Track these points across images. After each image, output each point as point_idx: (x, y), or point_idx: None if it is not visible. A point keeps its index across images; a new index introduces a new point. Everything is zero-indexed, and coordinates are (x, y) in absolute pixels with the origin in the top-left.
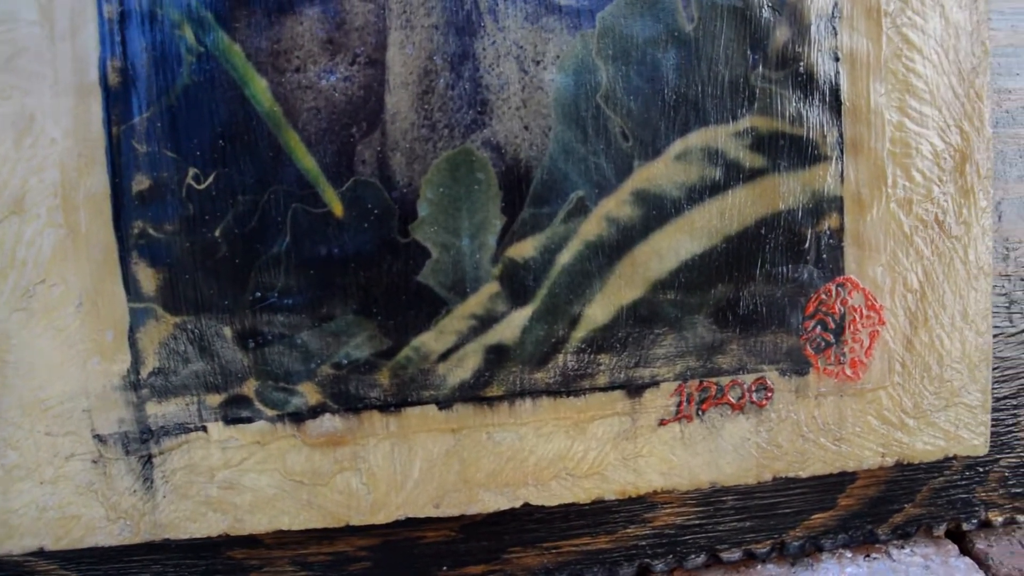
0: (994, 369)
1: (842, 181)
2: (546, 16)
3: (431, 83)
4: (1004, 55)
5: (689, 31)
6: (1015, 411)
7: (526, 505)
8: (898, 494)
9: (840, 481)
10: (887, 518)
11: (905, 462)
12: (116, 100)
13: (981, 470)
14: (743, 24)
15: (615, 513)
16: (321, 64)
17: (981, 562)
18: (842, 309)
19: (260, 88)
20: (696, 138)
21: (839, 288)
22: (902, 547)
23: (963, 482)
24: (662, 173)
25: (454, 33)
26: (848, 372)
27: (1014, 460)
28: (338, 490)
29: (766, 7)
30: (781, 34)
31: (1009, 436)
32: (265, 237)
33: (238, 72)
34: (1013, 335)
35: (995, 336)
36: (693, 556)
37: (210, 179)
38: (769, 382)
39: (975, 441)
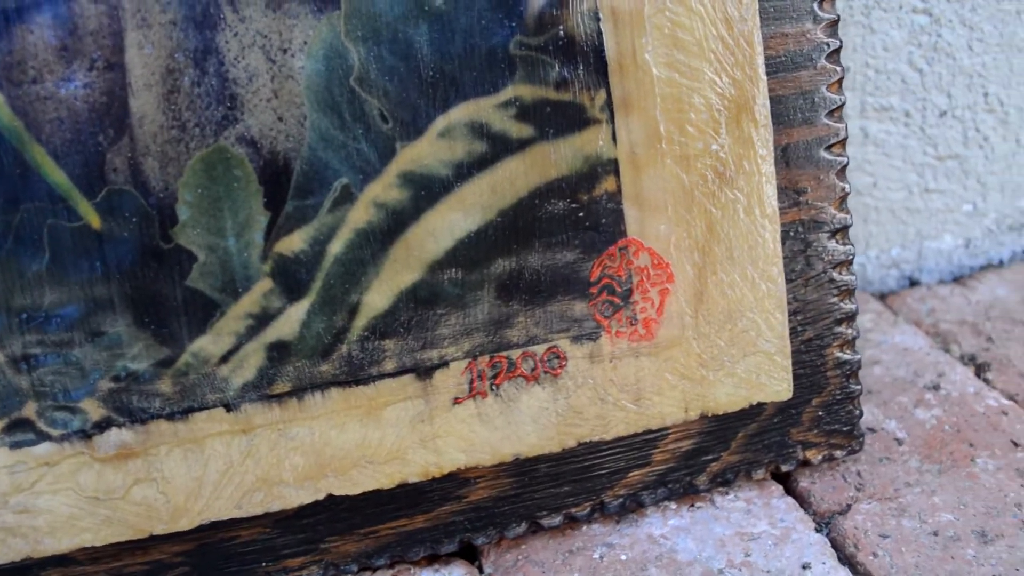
0: (797, 313)
1: (615, 143)
2: (288, 2)
3: (176, 82)
4: None
5: (440, 4)
6: (821, 352)
7: (330, 496)
8: (712, 444)
9: (652, 438)
10: (704, 468)
11: (710, 414)
12: None
13: (794, 412)
14: None
15: (429, 493)
16: (58, 73)
17: (803, 500)
18: (628, 271)
19: None
20: (458, 113)
21: (623, 251)
22: (726, 494)
23: (777, 426)
24: (427, 152)
25: (194, 28)
26: (641, 332)
27: (826, 399)
28: (136, 502)
29: None
30: None
31: (818, 376)
32: (24, 257)
33: None
34: (812, 277)
35: (795, 280)
36: (514, 526)
37: None
38: (561, 350)
39: (778, 387)
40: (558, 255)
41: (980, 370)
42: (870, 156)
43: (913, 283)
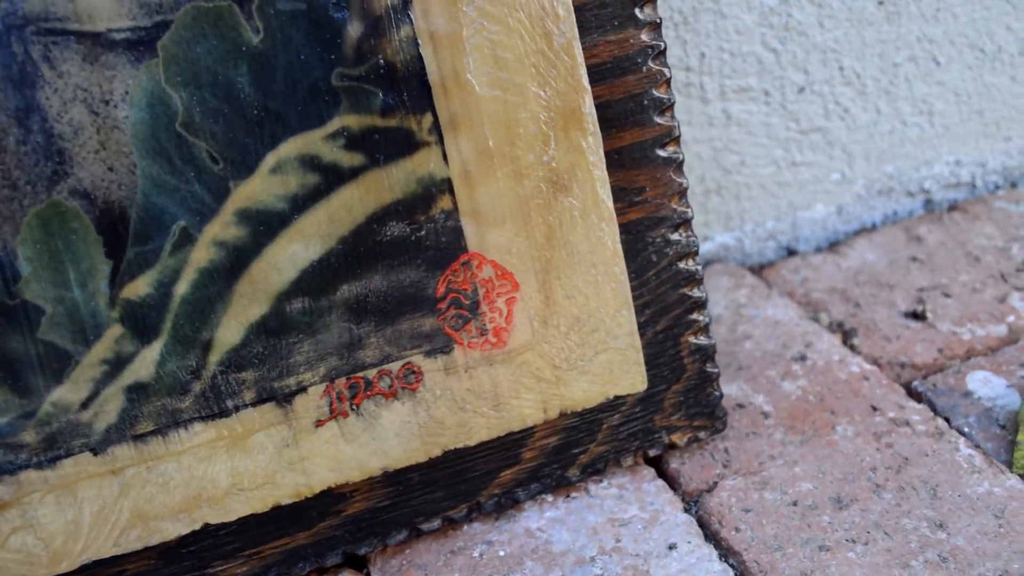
0: (648, 306)
1: (447, 162)
2: (105, 53)
3: (1, 143)
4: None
5: (257, 44)
6: (676, 340)
7: (207, 525)
8: (579, 438)
9: (518, 438)
10: (574, 460)
11: (570, 411)
12: None
13: (655, 400)
14: (312, 27)
15: (306, 511)
16: None
17: (673, 481)
18: (473, 284)
19: None
20: (287, 148)
21: (465, 265)
22: (599, 482)
23: (640, 415)
24: (261, 189)
25: (12, 87)
26: (492, 341)
27: (685, 384)
28: (15, 550)
29: (331, 6)
30: (354, 30)
31: (676, 364)
32: None
33: None
34: (659, 271)
35: (642, 276)
36: (395, 533)
37: None
38: (416, 366)
39: (632, 380)
40: (403, 275)
41: (847, 336)
42: (735, 136)
43: (791, 253)
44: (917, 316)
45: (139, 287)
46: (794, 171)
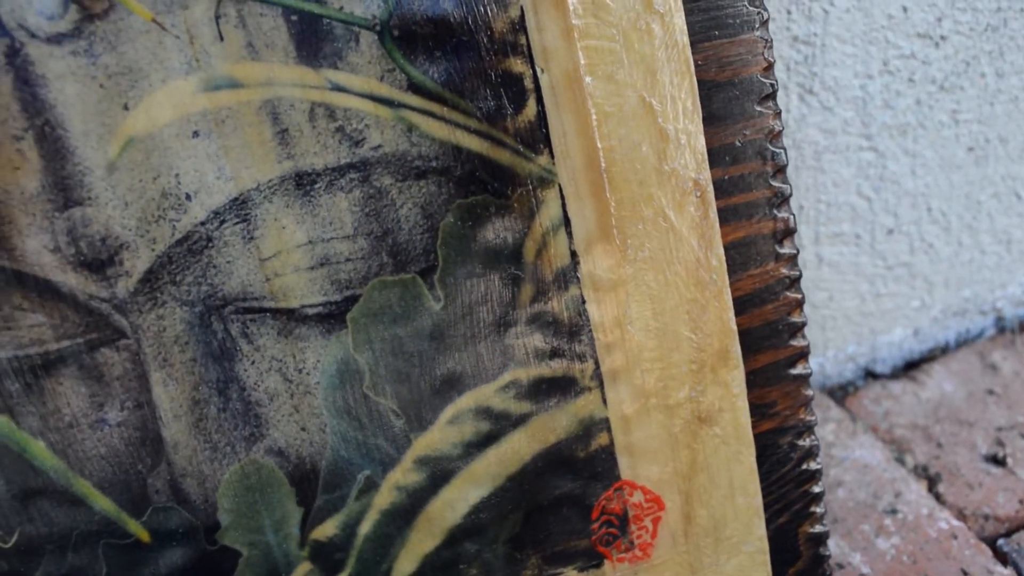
0: (773, 503)
1: (606, 404)
2: (298, 327)
3: (203, 411)
4: None
5: (438, 309)
6: (795, 530)
7: None
8: None
9: None
10: None
11: None
12: None
13: None
14: (488, 292)
15: None
16: (92, 416)
17: None
18: (624, 507)
19: (39, 449)
20: (464, 402)
21: (618, 491)
22: None
23: None
24: (439, 438)
25: (213, 362)
26: (639, 555)
27: (800, 567)
28: None
29: (509, 272)
30: (526, 293)
31: (792, 550)
32: (83, 575)
33: (13, 440)
34: (785, 473)
35: (770, 479)
36: None
37: (15, 536)
38: None
39: (757, 574)
40: (562, 504)
41: (932, 483)
42: (825, 275)
43: (868, 373)
44: (997, 461)
45: (327, 529)
46: (878, 301)
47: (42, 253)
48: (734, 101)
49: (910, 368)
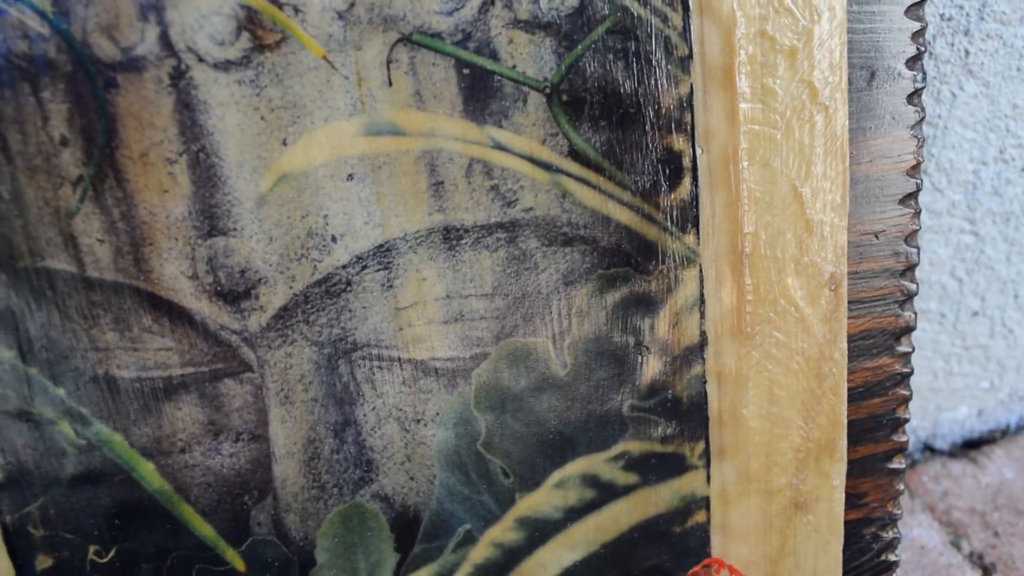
0: None
1: (709, 483)
2: (423, 378)
3: (316, 450)
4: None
5: (563, 376)
6: None
7: None
8: None
9: None
10: None
11: None
12: (4, 493)
13: None
14: (614, 364)
15: None
16: (205, 444)
17: None
18: None
19: (148, 470)
20: (573, 467)
21: (706, 568)
22: None
23: None
24: (543, 501)
25: (334, 404)
26: None
27: None
28: None
29: (636, 347)
30: (651, 368)
31: None
32: None
33: (123, 459)
34: (866, 560)
35: (851, 565)
36: None
37: (112, 553)
38: None
39: None
40: (651, 575)
41: (987, 572)
42: None
43: (927, 447)
44: None
45: None
46: (949, 380)
47: (179, 279)
48: (878, 196)
49: (969, 447)
